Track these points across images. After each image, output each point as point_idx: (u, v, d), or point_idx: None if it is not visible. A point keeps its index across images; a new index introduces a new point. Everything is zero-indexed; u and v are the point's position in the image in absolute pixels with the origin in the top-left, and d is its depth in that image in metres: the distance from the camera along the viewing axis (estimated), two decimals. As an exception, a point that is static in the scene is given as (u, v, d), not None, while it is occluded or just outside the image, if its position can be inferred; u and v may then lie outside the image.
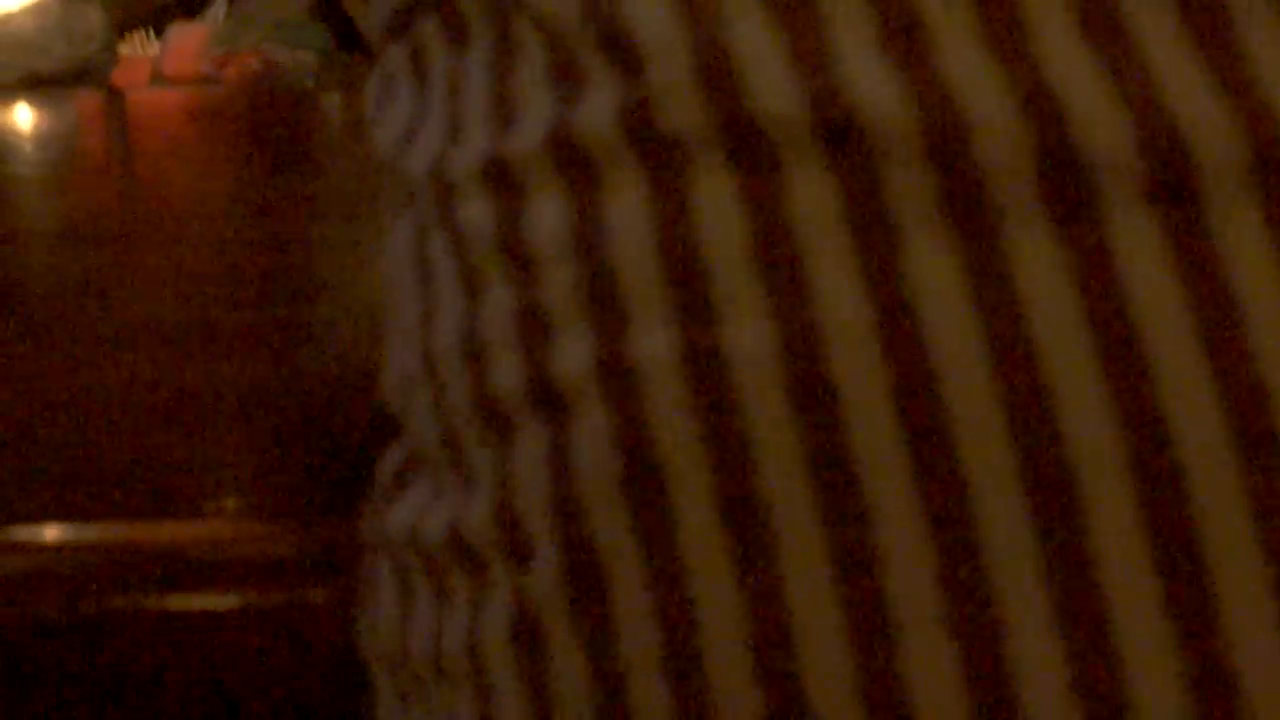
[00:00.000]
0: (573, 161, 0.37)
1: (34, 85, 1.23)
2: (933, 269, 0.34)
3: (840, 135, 0.35)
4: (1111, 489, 0.33)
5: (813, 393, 0.34)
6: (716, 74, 0.36)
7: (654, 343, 0.35)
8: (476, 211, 0.39)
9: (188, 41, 1.34)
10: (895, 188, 0.34)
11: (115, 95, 1.29)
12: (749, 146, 0.35)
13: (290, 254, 0.88)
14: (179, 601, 0.57)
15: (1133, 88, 0.34)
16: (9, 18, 1.23)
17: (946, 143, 0.34)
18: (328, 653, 0.54)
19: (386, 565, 0.43)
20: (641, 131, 0.36)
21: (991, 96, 0.34)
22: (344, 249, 0.88)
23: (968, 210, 0.34)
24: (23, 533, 0.59)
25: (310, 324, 0.77)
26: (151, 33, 1.45)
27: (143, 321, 0.79)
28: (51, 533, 0.59)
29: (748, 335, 0.34)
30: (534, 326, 0.37)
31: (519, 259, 0.38)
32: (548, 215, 0.38)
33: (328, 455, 0.53)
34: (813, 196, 0.35)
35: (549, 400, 0.37)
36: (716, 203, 0.35)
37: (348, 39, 1.35)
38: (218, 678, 0.56)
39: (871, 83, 0.35)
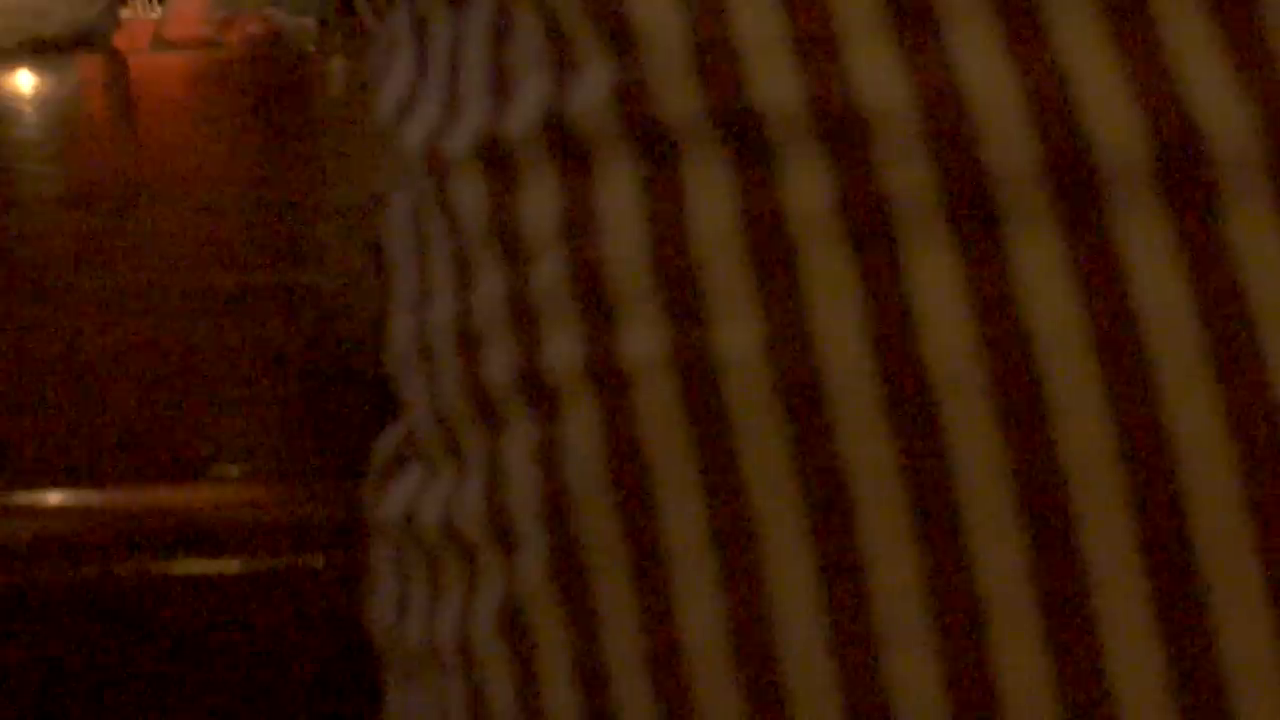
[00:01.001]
0: (566, 145, 0.37)
1: (36, 49, 1.22)
2: (931, 271, 0.33)
3: (840, 129, 0.34)
4: (1105, 495, 0.32)
5: (802, 396, 0.33)
6: (715, 61, 0.35)
7: (644, 341, 0.35)
8: (470, 193, 0.39)
9: (190, 5, 1.34)
10: (895, 185, 0.33)
11: (117, 59, 1.29)
12: (745, 138, 0.34)
13: (294, 218, 0.88)
14: (183, 566, 0.57)
15: (1150, 85, 0.33)
16: (10, -19, 1.23)
17: (951, 140, 0.33)
18: (333, 617, 0.54)
19: (385, 548, 0.43)
20: (635, 117, 0.35)
21: (1001, 94, 0.33)
22: (348, 212, 0.88)
23: (970, 211, 0.33)
24: (26, 497, 0.59)
25: (315, 288, 0.77)
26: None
27: (146, 286, 0.78)
28: (55, 497, 0.59)
29: (738, 335, 0.34)
30: (524, 318, 0.37)
31: (510, 246, 0.38)
32: (540, 201, 0.37)
33: (334, 420, 0.53)
34: (809, 192, 0.34)
35: (539, 394, 0.37)
36: (710, 196, 0.35)
37: (349, 3, 1.34)
38: (223, 642, 0.56)
39: (876, 76, 0.34)
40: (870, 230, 0.33)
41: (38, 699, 0.57)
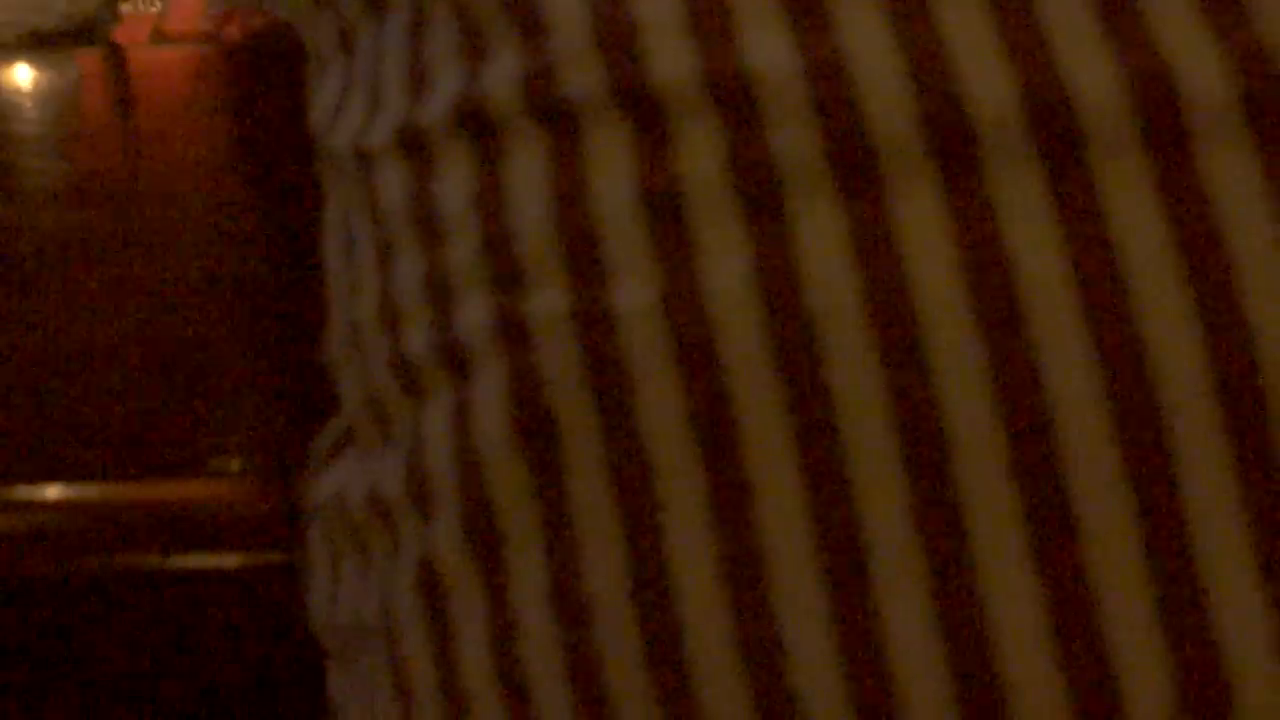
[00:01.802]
0: (478, 128, 0.38)
1: (35, 43, 1.22)
2: (817, 226, 0.35)
3: (731, 98, 0.36)
4: (981, 439, 0.34)
5: (695, 351, 0.35)
6: (616, 41, 0.37)
7: (547, 301, 0.36)
8: (391, 181, 0.40)
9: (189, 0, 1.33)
10: (782, 147, 0.35)
11: (116, 53, 1.29)
12: (643, 110, 0.36)
13: (292, 211, 0.88)
14: (179, 560, 0.57)
15: (1023, 50, 0.35)
16: (9, -25, 1.22)
17: (834, 104, 0.35)
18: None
19: (318, 535, 0.44)
20: (542, 98, 0.37)
21: (882, 61, 0.35)
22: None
23: (853, 169, 0.35)
24: (22, 492, 0.59)
25: (312, 283, 0.77)
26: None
27: (145, 279, 0.78)
28: (51, 492, 0.58)
29: (636, 293, 0.36)
30: (440, 290, 0.39)
31: (428, 226, 0.39)
32: (454, 182, 0.39)
33: (329, 415, 0.53)
34: (701, 156, 0.36)
35: (453, 360, 0.38)
36: (610, 166, 0.37)
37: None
38: (217, 635, 0.56)
39: (766, 48, 0.36)
40: (759, 190, 0.35)
41: (33, 690, 0.57)
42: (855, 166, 0.35)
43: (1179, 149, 0.34)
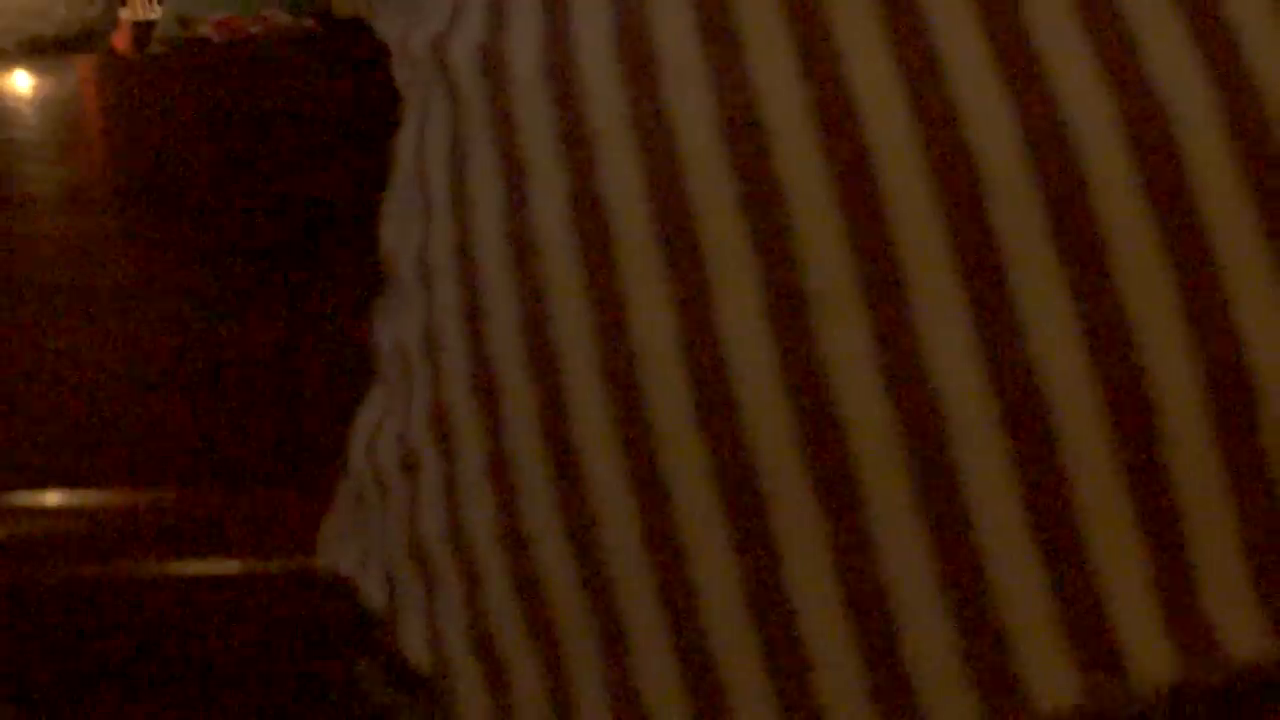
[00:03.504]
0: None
1: (35, 50, 1.22)
2: (769, 69, 0.37)
3: None
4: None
5: (666, 177, 0.38)
6: None
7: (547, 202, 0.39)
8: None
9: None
10: None
11: (115, 59, 1.29)
12: None
13: (294, 219, 0.88)
14: (178, 566, 0.57)
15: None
16: (9, -18, 1.23)
17: None
18: (326, 617, 0.54)
19: (351, 488, 0.45)
20: None
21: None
22: (346, 214, 0.88)
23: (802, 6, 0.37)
24: (24, 498, 0.59)
25: (312, 290, 0.77)
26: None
27: (144, 286, 0.78)
28: (53, 498, 0.58)
29: (622, 174, 0.38)
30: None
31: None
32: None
33: (331, 424, 0.53)
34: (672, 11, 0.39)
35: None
36: (593, 34, 0.39)
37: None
38: (217, 641, 0.56)
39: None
40: (718, 39, 0.38)
41: (35, 695, 0.57)
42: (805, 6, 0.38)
43: None
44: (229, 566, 0.56)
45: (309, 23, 1.30)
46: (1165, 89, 0.36)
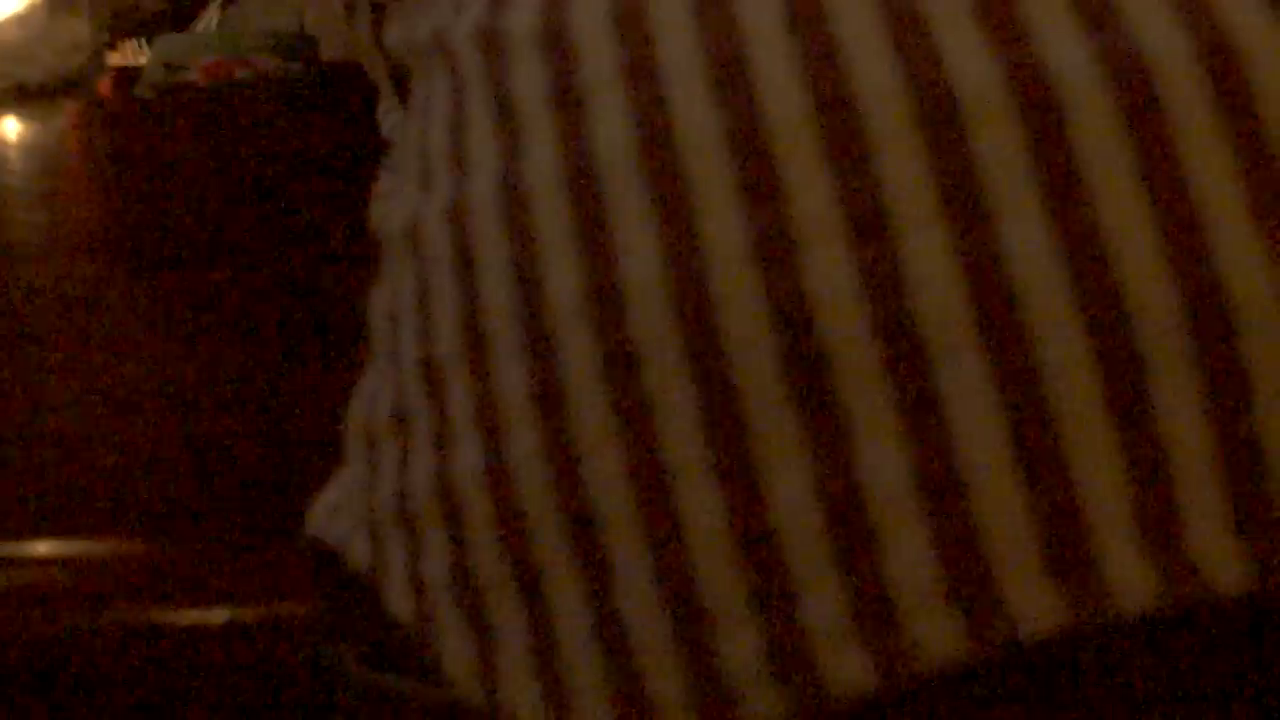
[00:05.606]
0: None
1: (21, 95, 1.22)
2: (755, 18, 0.38)
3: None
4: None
5: (656, 124, 0.39)
6: None
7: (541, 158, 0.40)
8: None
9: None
10: None
11: (103, 105, 1.29)
12: None
13: (283, 264, 0.88)
14: (166, 616, 0.56)
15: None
16: (-5, 28, 1.23)
17: None
18: (310, 668, 0.54)
19: (351, 455, 0.45)
20: None
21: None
22: (340, 258, 0.88)
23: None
24: (10, 548, 0.58)
25: (300, 338, 0.77)
26: (143, 43, 1.44)
27: (133, 333, 0.78)
28: (39, 548, 0.58)
29: (609, 131, 0.39)
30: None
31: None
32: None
33: (318, 474, 0.53)
34: None
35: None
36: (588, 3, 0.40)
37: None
38: (204, 691, 0.56)
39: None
40: None
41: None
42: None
43: None
44: (214, 615, 0.56)
45: (296, 67, 1.31)
46: (1140, 32, 0.38)
